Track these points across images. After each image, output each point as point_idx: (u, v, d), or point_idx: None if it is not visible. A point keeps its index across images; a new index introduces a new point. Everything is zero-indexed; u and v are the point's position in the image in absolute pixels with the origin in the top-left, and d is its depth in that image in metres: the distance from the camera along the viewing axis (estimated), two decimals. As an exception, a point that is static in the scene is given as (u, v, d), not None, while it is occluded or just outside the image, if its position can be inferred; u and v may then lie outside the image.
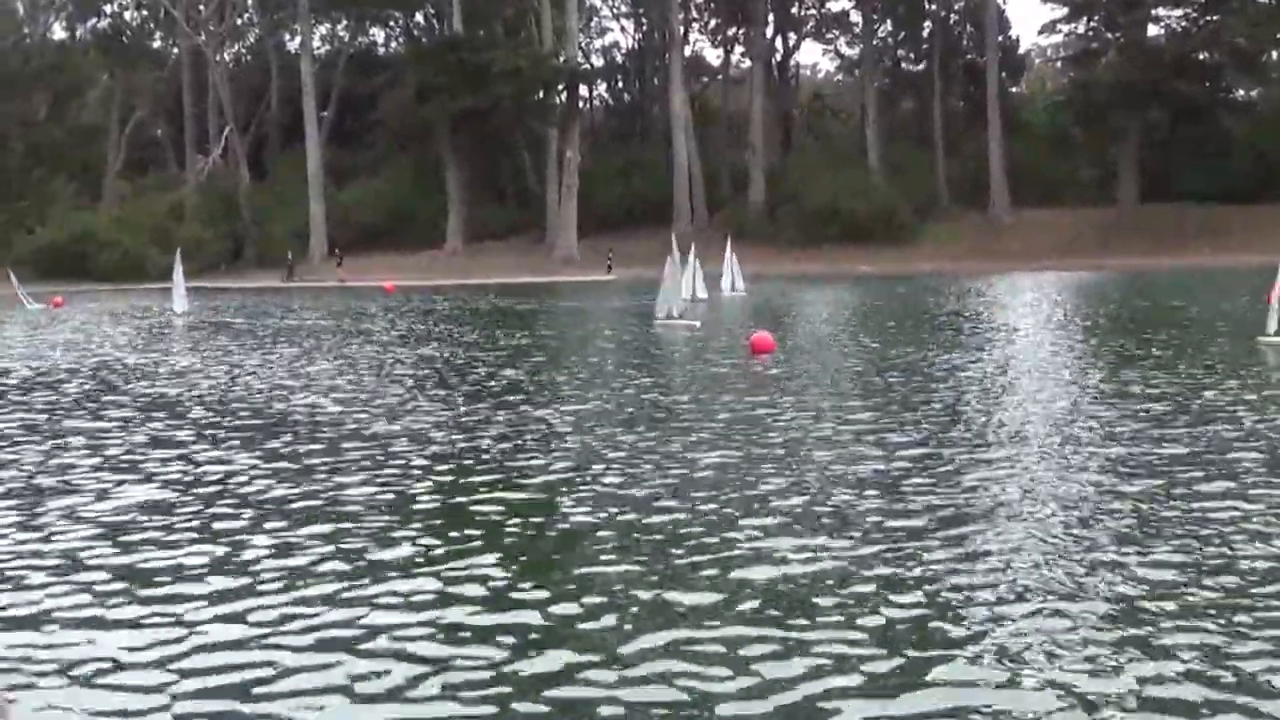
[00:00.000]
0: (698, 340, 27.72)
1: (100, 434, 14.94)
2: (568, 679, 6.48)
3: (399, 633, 7.18)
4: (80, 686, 6.50)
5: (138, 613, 7.67)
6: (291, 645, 7.04)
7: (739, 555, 8.65)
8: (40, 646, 7.08)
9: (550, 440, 13.71)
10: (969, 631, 6.98)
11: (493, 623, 7.35)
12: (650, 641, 6.91)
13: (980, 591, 7.65)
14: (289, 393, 18.85)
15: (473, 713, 6.14)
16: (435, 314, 41.42)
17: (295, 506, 10.53)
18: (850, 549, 8.68)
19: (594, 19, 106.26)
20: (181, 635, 7.22)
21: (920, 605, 7.43)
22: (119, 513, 10.43)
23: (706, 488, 10.88)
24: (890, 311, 37.77)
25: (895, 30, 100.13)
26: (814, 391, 17.80)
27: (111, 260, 78.20)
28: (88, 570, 8.66)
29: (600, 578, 8.20)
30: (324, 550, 9.03)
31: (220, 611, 7.61)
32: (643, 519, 9.75)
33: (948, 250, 77.86)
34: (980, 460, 11.93)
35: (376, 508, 10.45)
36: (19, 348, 30.05)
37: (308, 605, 7.71)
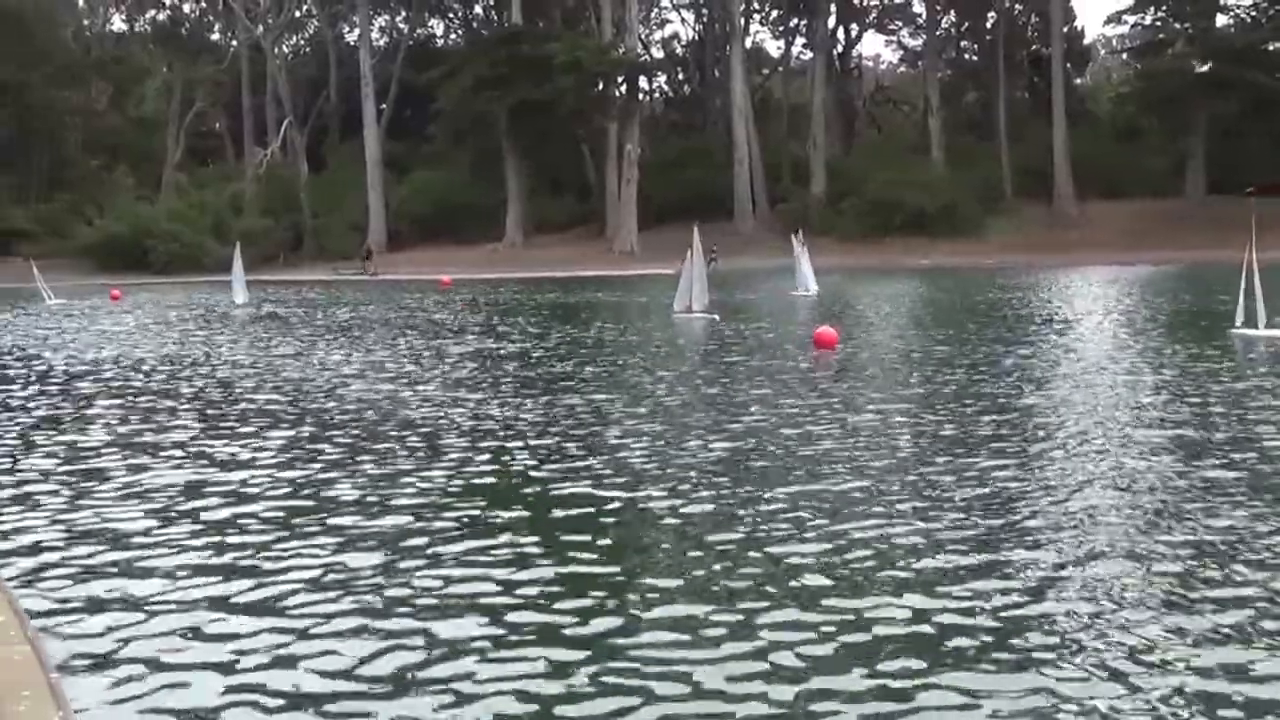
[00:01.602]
0: (761, 335, 27.22)
1: (198, 430, 14.85)
2: (619, 677, 6.47)
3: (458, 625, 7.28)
4: (157, 671, 6.64)
5: (213, 599, 7.88)
6: (340, 637, 7.17)
7: (804, 546, 8.74)
8: (125, 628, 7.31)
9: (614, 434, 13.64)
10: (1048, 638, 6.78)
11: (552, 620, 7.33)
12: (715, 636, 6.89)
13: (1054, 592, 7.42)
14: (349, 383, 18.90)
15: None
16: (491, 308, 41.07)
17: (376, 502, 10.42)
18: (912, 545, 8.41)
19: (654, 10, 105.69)
20: (232, 622, 7.42)
21: (998, 610, 7.20)
22: (207, 502, 10.61)
23: (767, 480, 10.77)
24: (954, 305, 37.06)
25: (959, 21, 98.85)
26: (876, 385, 17.49)
27: (169, 252, 78.47)
28: (168, 554, 8.93)
29: (672, 583, 7.99)
30: (409, 546, 9.06)
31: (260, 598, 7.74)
32: (706, 516, 9.58)
33: (1012, 243, 76.65)
34: (1048, 457, 11.76)
35: (454, 500, 10.53)
36: (83, 339, 30.01)
37: (363, 597, 7.79)
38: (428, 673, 6.60)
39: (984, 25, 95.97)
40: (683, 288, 32.92)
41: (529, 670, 6.59)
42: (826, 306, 35.80)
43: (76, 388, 19.80)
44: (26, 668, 6.12)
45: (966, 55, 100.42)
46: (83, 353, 26.14)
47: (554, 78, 79.69)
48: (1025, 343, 23.61)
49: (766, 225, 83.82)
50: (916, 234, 77.94)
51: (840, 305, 37.02)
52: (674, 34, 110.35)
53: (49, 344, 28.75)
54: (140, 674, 6.59)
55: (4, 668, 6.05)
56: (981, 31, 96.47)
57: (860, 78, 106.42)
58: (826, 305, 36.54)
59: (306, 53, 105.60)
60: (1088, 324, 28.30)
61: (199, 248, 79.19)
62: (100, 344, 28.41)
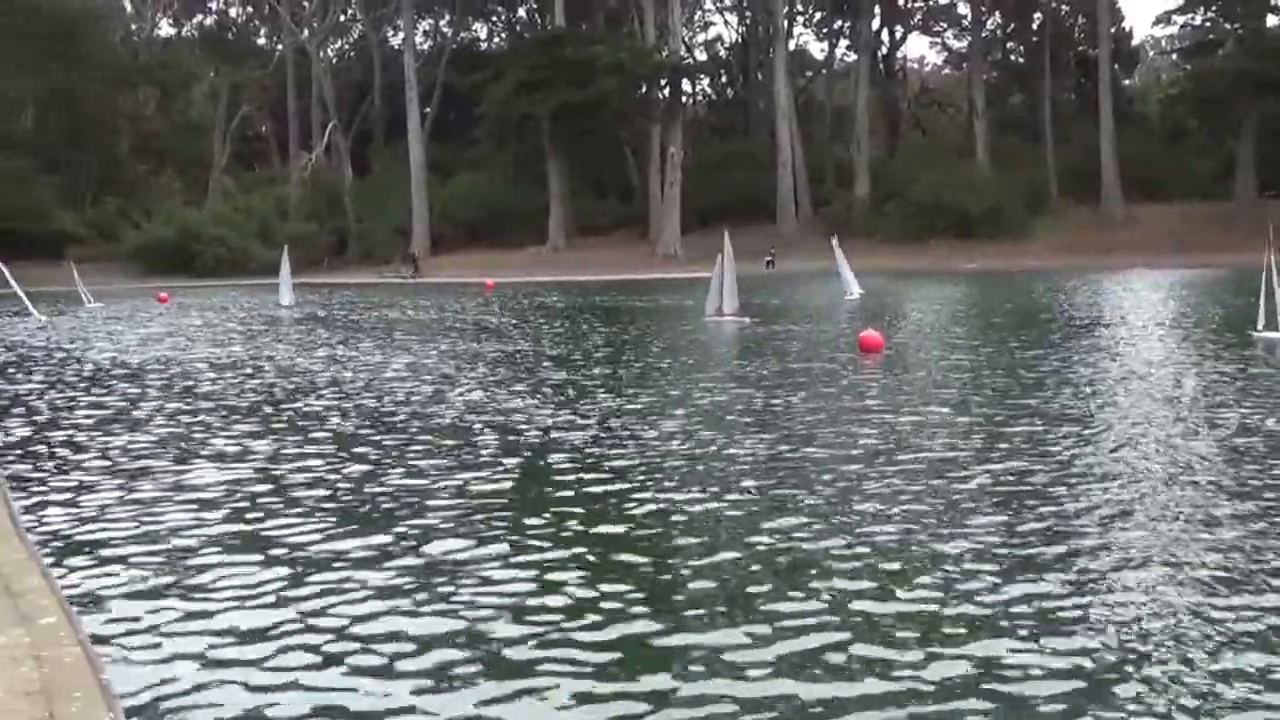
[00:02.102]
0: (802, 338, 27.09)
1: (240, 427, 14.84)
2: (657, 681, 6.41)
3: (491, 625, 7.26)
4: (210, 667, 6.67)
5: (262, 591, 8.03)
6: (379, 633, 7.22)
7: (850, 547, 8.70)
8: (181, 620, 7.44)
9: (660, 436, 13.58)
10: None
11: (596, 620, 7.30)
12: (763, 647, 6.78)
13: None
14: (390, 384, 18.95)
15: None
16: (534, 311, 41.11)
17: (425, 502, 10.41)
18: (952, 546, 8.27)
19: (697, 13, 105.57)
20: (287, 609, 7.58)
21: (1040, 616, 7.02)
22: (262, 494, 10.80)
23: (809, 484, 10.74)
24: (999, 308, 36.79)
25: (1004, 22, 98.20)
26: (921, 390, 17.35)
27: (215, 256, 79.08)
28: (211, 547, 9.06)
29: (715, 586, 7.86)
30: (449, 546, 9.09)
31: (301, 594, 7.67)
32: (755, 520, 9.49)
33: (1058, 245, 75.99)
34: (1099, 463, 11.60)
35: (493, 500, 10.52)
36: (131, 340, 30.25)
37: (399, 595, 7.79)
38: (468, 670, 6.61)
39: (1030, 26, 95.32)
40: (714, 291, 33.04)
41: (574, 670, 6.57)
42: (870, 310, 35.62)
43: (126, 387, 19.93)
44: (77, 669, 6.13)
45: (1012, 57, 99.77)
46: (127, 353, 26.33)
47: (597, 80, 79.76)
48: (1066, 346, 23.41)
49: (809, 228, 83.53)
50: (961, 236, 77.46)
51: (884, 309, 36.81)
52: (717, 36, 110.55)
53: (96, 345, 28.98)
54: (190, 674, 6.60)
55: (55, 668, 6.06)
56: (1027, 33, 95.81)
57: (904, 79, 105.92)
58: (870, 309, 36.36)
59: (351, 57, 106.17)
60: (1124, 328, 27.96)
61: (244, 251, 79.78)
62: (147, 345, 28.61)
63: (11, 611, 6.96)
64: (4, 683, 5.84)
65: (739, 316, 31.87)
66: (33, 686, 5.82)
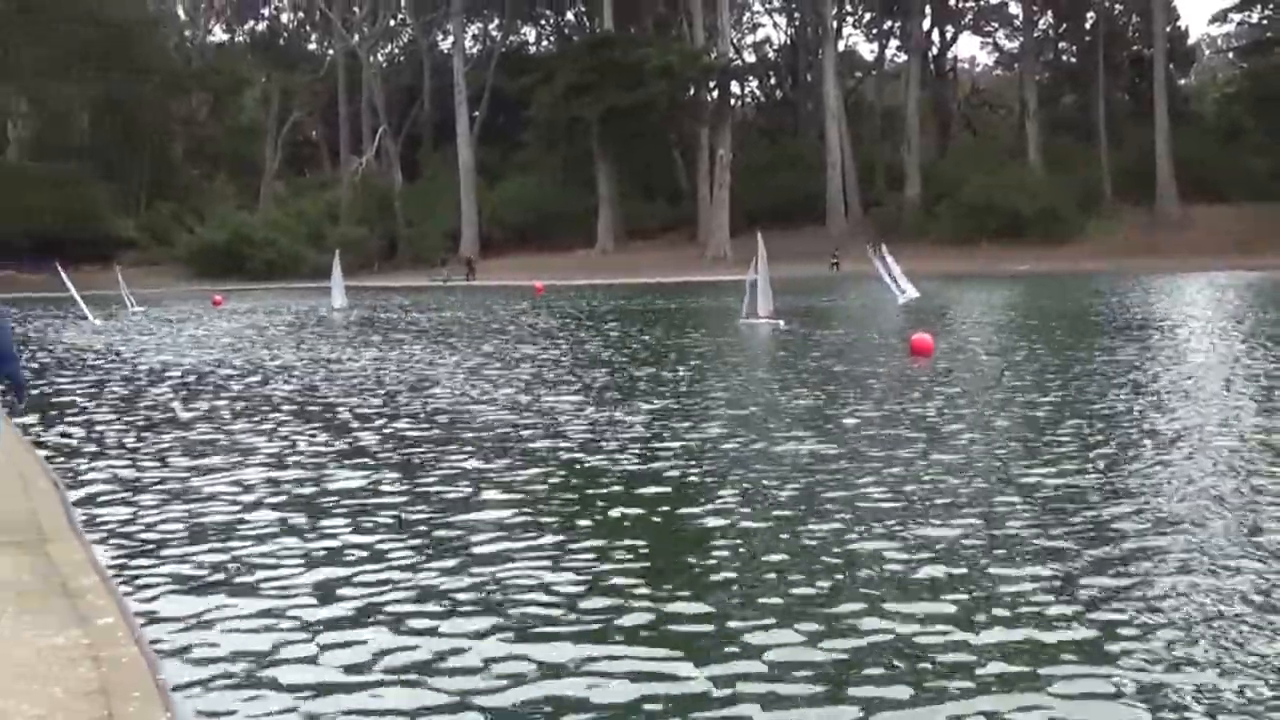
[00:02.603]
0: (855, 343, 26.94)
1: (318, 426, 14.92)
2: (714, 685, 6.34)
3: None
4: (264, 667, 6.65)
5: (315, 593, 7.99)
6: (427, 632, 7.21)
7: (902, 554, 8.59)
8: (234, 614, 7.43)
9: (703, 439, 13.51)
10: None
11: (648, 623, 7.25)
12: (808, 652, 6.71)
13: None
14: (438, 385, 18.95)
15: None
16: (583, 313, 41.14)
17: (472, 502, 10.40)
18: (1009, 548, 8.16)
19: (746, 14, 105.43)
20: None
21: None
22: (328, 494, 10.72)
23: (849, 484, 10.71)
24: (1052, 311, 36.46)
25: (1056, 22, 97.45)
26: (971, 395, 17.17)
27: (267, 260, 79.76)
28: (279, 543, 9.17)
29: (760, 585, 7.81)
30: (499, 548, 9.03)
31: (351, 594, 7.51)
32: (804, 525, 9.38)
33: (1111, 247, 75.26)
34: (1147, 467, 11.48)
35: (539, 500, 10.49)
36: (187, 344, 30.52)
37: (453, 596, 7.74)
38: (516, 668, 6.61)
39: (1083, 26, 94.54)
40: (748, 294, 33.21)
41: (621, 667, 6.54)
42: (921, 313, 35.38)
43: (179, 388, 20.07)
44: (135, 669, 6.13)
45: (1064, 56, 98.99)
46: (181, 355, 26.55)
47: (646, 83, 79.78)
48: (1118, 350, 23.14)
49: (859, 229, 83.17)
50: (1013, 238, 76.85)
51: (935, 311, 36.56)
52: (766, 38, 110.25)
53: (150, 347, 29.24)
54: (246, 673, 6.60)
55: (113, 668, 6.07)
56: (1080, 32, 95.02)
57: (955, 80, 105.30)
58: (921, 311, 36.12)
59: (401, 61, 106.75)
60: (1179, 331, 27.61)
61: (295, 255, 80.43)
62: (199, 347, 28.85)
63: (70, 612, 6.99)
64: (63, 683, 5.85)
65: (773, 319, 31.90)
66: (91, 687, 5.83)
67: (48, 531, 9.14)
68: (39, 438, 14.80)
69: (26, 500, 10.24)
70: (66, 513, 10.05)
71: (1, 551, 8.43)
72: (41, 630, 6.63)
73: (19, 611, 6.97)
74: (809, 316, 35.30)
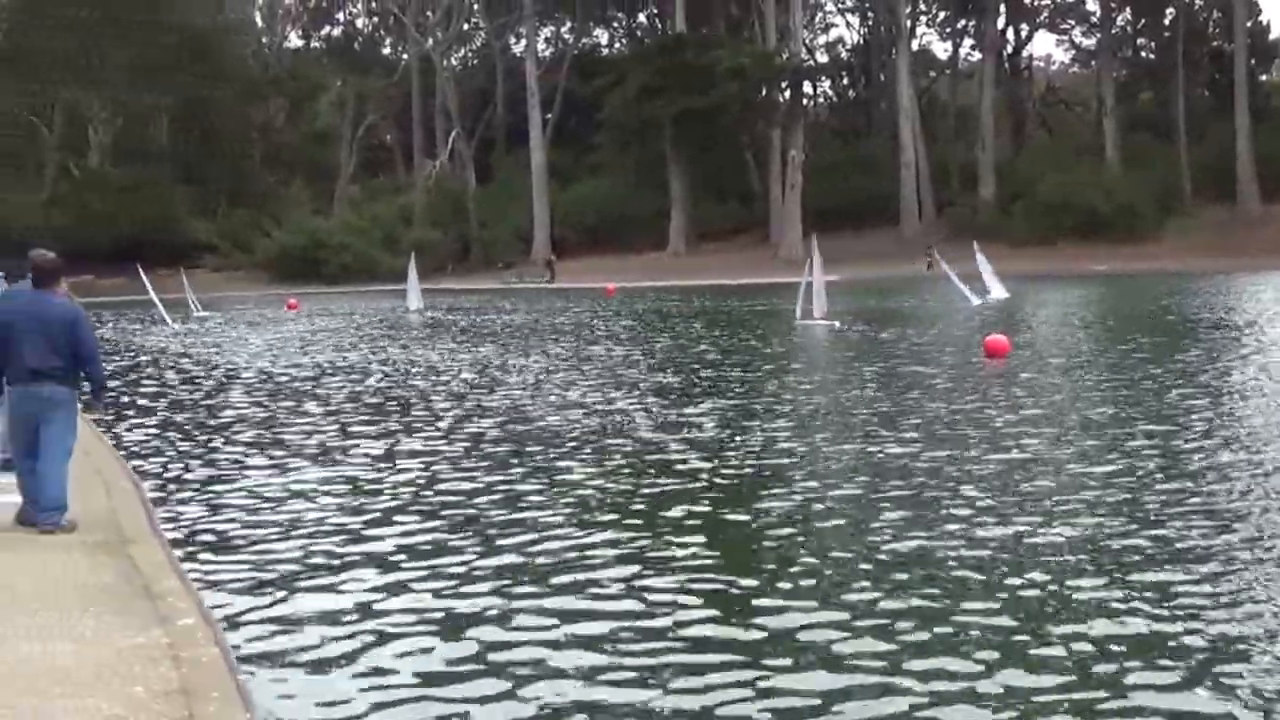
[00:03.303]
0: (928, 344, 26.72)
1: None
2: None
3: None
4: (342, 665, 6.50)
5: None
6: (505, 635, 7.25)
7: (958, 545, 8.63)
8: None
9: (787, 442, 13.44)
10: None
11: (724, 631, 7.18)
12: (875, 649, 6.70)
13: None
14: (510, 386, 18.91)
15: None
16: (653, 315, 41.16)
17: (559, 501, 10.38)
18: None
19: (818, 14, 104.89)
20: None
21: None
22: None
23: (913, 483, 10.65)
24: (1130, 311, 35.95)
25: (1135, 18, 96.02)
26: (1037, 393, 17.09)
27: (342, 263, 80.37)
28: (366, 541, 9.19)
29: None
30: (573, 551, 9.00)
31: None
32: (859, 521, 9.33)
33: (1191, 246, 73.90)
34: (1215, 466, 11.35)
35: (608, 501, 10.46)
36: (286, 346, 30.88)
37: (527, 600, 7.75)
38: (582, 661, 6.66)
39: (1161, 22, 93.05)
40: (803, 295, 33.44)
41: (683, 660, 6.50)
42: (996, 313, 35.03)
43: (259, 391, 20.30)
44: (214, 669, 6.20)
45: (1142, 53, 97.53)
46: (260, 358, 26.85)
47: (718, 84, 79.54)
48: (1197, 351, 22.77)
49: (933, 230, 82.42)
50: (1090, 238, 75.73)
51: (1010, 312, 36.14)
52: (839, 38, 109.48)
53: (229, 350, 29.62)
54: (323, 675, 6.65)
55: (193, 669, 6.14)
56: (1159, 28, 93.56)
57: (1030, 78, 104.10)
58: (996, 312, 35.76)
59: (474, 65, 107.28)
60: (1260, 332, 27.08)
61: (370, 258, 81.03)
62: (275, 349, 29.19)
63: (151, 613, 7.07)
64: (144, 683, 5.92)
65: (828, 320, 32.06)
66: (172, 686, 5.89)
67: (129, 532, 9.27)
68: (119, 439, 15.03)
69: (108, 501, 10.40)
70: (147, 513, 10.19)
71: (84, 552, 8.56)
72: (124, 630, 6.72)
73: (101, 611, 7.07)
74: (885, 318, 35.05)
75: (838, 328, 30.80)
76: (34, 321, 9.17)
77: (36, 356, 9.11)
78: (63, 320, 9.21)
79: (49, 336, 9.13)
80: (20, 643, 6.51)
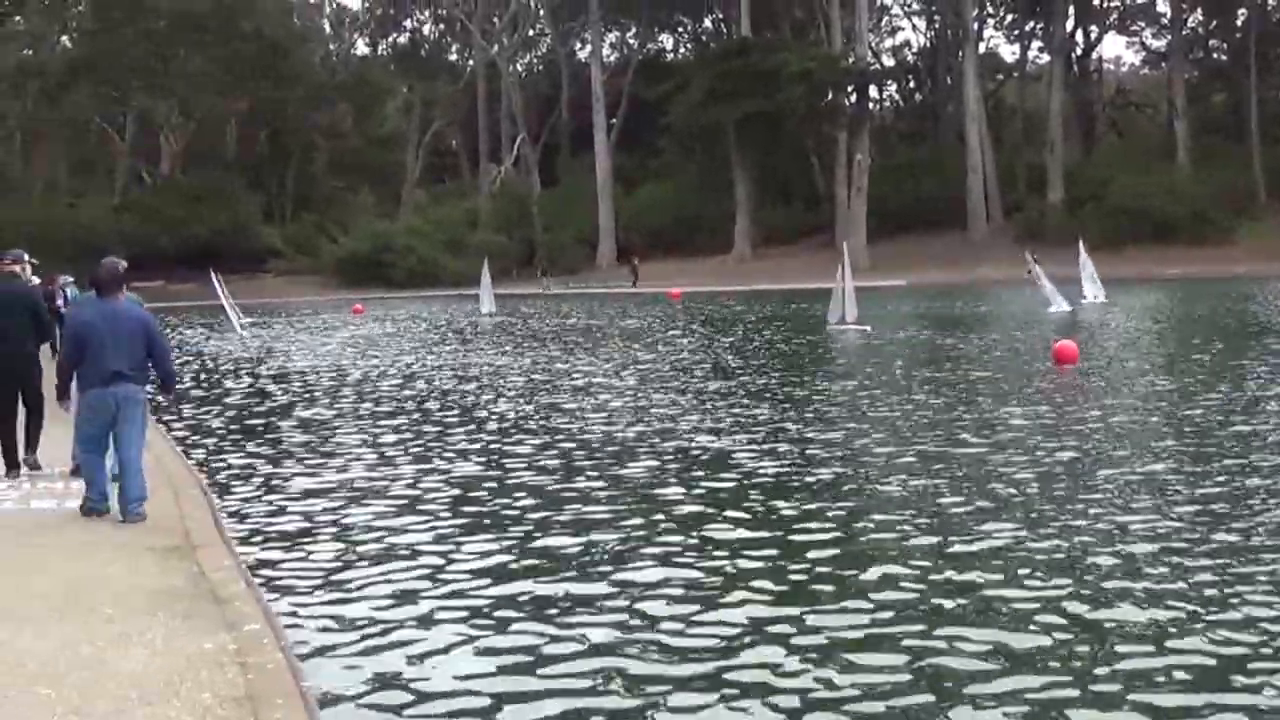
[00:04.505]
0: (995, 349, 26.47)
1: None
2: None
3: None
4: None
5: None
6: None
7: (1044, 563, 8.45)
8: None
9: (827, 441, 13.47)
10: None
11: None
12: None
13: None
14: (585, 389, 18.87)
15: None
16: (719, 319, 41.15)
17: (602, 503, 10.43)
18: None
19: (884, 17, 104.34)
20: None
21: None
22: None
23: (1001, 498, 10.47)
24: (1202, 317, 35.41)
25: (1206, 19, 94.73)
26: (1112, 404, 16.66)
27: (408, 268, 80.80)
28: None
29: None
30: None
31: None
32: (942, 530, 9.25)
33: (1265, 249, 72.61)
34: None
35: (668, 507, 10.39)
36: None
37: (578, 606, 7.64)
38: (644, 668, 6.54)
39: (1234, 23, 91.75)
40: (835, 300, 33.98)
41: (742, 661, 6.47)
42: (1066, 321, 34.69)
43: (329, 395, 20.45)
44: (280, 675, 6.23)
45: (1214, 55, 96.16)
46: (337, 361, 27.08)
47: (783, 88, 79.30)
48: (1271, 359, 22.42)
49: (1001, 234, 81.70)
50: (1161, 242, 74.65)
51: (1080, 319, 35.75)
52: (905, 41, 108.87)
53: (298, 354, 29.90)
54: (388, 680, 6.68)
55: (259, 675, 6.17)
56: (1231, 29, 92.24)
57: (1100, 81, 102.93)
58: (1075, 318, 35.43)
59: (539, 70, 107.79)
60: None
61: (435, 263, 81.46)
62: (347, 352, 29.45)
63: (219, 618, 7.13)
64: (211, 688, 5.96)
65: (859, 325, 32.36)
66: (238, 692, 5.93)
67: (196, 537, 9.36)
68: (186, 443, 15.20)
69: (176, 505, 10.50)
70: (214, 517, 10.29)
71: (153, 557, 8.65)
72: (192, 636, 6.78)
73: (170, 617, 7.13)
74: (954, 323, 34.80)
75: (869, 332, 31.15)
76: (111, 325, 9.69)
77: (115, 359, 9.64)
78: (139, 323, 9.79)
79: (126, 339, 9.68)
80: (97, 648, 6.59)
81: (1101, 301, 41.64)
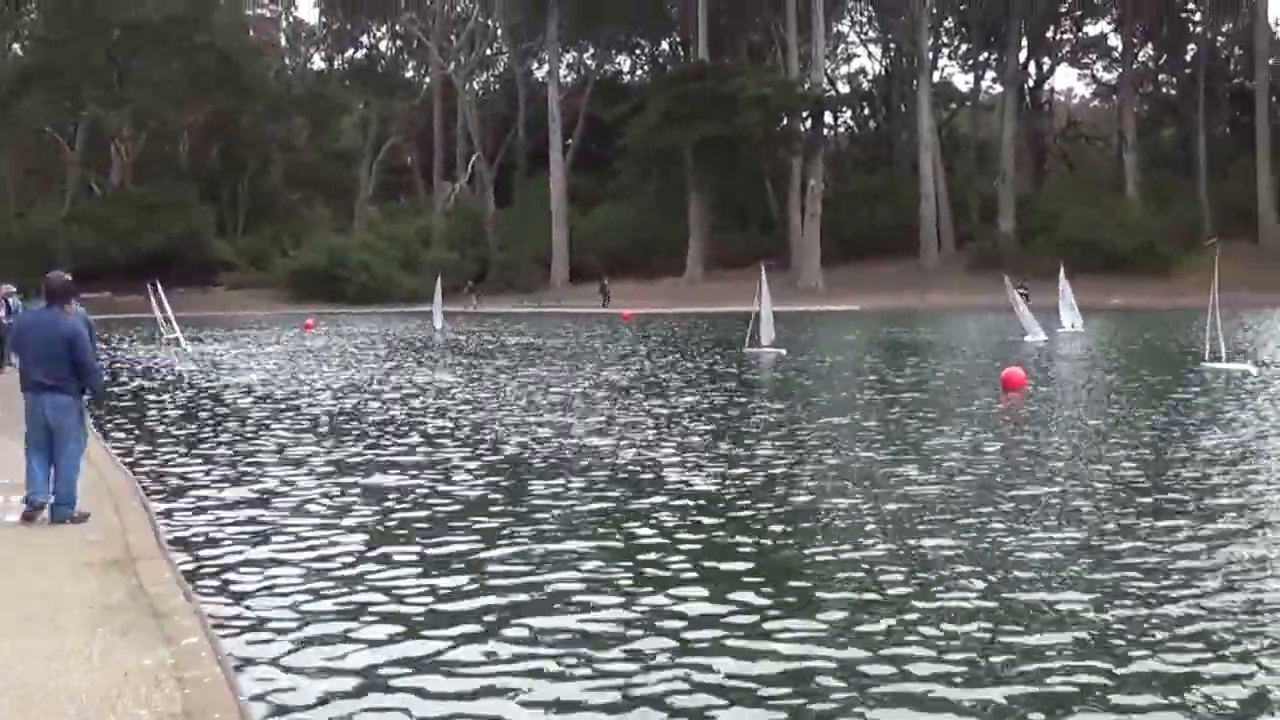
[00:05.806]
0: (949, 375, 26.68)
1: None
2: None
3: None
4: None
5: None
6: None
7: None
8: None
9: (814, 467, 13.44)
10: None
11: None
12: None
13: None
14: (524, 410, 18.81)
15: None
16: (667, 341, 41.24)
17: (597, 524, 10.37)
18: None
19: (840, 45, 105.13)
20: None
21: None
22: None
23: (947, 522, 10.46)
24: (1147, 345, 35.88)
25: (1156, 54, 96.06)
26: (1058, 431, 16.85)
27: (361, 284, 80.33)
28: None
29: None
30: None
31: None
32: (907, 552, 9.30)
33: (1209, 282, 73.43)
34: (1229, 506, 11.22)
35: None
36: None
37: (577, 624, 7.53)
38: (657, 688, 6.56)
39: (1183, 58, 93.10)
40: (752, 323, 34.97)
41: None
42: (1026, 347, 35.06)
43: (273, 413, 20.34)
44: (217, 690, 6.21)
45: (1164, 89, 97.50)
46: (274, 377, 26.94)
47: (739, 113, 79.69)
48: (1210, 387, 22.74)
49: (953, 261, 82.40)
50: (1110, 272, 75.44)
51: (1058, 349, 36.08)
52: (860, 68, 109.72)
53: (240, 370, 29.72)
54: (331, 693, 6.66)
55: (196, 689, 6.15)
56: (1181, 64, 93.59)
57: (1051, 112, 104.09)
58: (1026, 346, 35.79)
59: (496, 89, 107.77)
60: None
61: (388, 279, 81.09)
62: (288, 368, 29.29)
63: (158, 632, 7.09)
64: (149, 705, 5.93)
65: (775, 348, 33.55)
66: (175, 707, 5.91)
67: (137, 550, 9.30)
68: (128, 456, 15.09)
69: (117, 518, 10.44)
70: (154, 531, 10.23)
71: (93, 571, 8.59)
72: (130, 650, 6.74)
73: (109, 632, 7.09)
74: (892, 347, 35.08)
75: (784, 355, 32.34)
76: (34, 335, 10.12)
77: (35, 369, 10.02)
78: (61, 336, 9.98)
79: (45, 351, 9.98)
80: (36, 664, 6.57)
81: (1079, 330, 41.94)
